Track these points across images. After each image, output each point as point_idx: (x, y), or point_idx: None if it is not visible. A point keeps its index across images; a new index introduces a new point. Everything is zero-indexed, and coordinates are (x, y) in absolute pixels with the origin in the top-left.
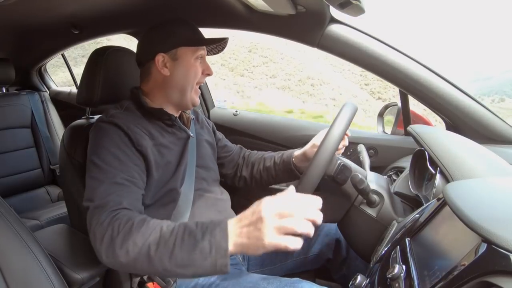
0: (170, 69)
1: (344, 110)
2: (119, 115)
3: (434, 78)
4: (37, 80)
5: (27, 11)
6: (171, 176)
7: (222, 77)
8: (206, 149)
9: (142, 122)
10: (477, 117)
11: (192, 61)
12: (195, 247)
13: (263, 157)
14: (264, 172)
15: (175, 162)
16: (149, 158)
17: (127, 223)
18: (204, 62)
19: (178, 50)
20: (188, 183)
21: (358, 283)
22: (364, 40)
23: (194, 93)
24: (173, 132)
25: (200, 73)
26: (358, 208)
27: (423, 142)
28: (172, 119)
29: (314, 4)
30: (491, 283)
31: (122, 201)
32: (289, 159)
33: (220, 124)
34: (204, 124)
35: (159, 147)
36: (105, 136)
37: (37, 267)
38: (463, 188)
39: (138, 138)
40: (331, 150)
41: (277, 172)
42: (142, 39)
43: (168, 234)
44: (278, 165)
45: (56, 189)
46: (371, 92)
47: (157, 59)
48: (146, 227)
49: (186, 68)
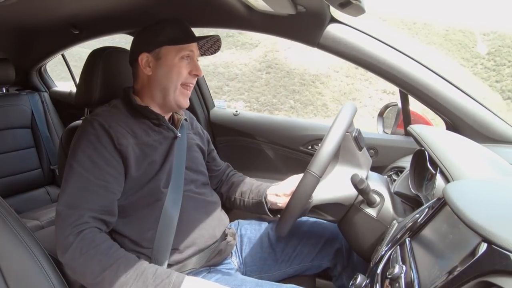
0: (153, 68)
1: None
2: (103, 113)
3: (434, 78)
4: (37, 80)
5: (27, 11)
6: (154, 175)
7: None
8: (197, 153)
9: (126, 120)
10: (477, 117)
11: (176, 61)
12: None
13: (244, 180)
14: (238, 195)
15: (159, 161)
16: (129, 157)
17: (90, 249)
18: (192, 62)
19: (162, 50)
20: (176, 184)
21: (358, 283)
22: (364, 40)
23: (180, 94)
24: (160, 132)
25: (186, 73)
26: (358, 208)
27: (423, 142)
28: (159, 119)
29: (314, 4)
30: (491, 283)
31: (88, 210)
32: (264, 191)
33: (220, 124)
34: (198, 131)
35: (142, 146)
36: (84, 137)
37: (37, 267)
38: (463, 188)
39: (118, 136)
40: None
41: (248, 200)
42: (133, 40)
43: (124, 275)
44: (252, 193)
45: (56, 189)
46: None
47: (140, 59)
48: (106, 259)
49: (169, 68)
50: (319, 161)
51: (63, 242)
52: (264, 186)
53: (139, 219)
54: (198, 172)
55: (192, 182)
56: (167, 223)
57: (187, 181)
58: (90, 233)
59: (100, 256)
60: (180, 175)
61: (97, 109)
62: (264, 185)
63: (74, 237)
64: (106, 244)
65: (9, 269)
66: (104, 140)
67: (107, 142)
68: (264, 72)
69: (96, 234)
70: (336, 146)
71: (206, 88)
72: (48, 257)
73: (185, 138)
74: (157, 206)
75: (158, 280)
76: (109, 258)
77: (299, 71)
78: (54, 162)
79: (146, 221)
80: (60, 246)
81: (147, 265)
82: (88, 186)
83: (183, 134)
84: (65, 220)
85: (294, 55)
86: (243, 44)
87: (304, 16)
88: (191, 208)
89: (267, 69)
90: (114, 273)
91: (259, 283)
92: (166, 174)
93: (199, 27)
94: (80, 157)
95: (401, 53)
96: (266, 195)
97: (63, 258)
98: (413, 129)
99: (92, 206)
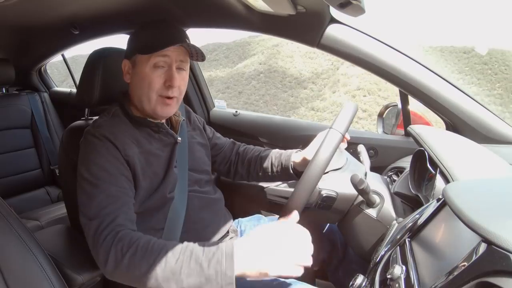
0: (131, 76)
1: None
2: (105, 125)
3: (434, 78)
4: (37, 80)
5: (27, 11)
6: (159, 184)
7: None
8: (199, 152)
9: (129, 129)
10: (477, 117)
11: (147, 70)
12: (201, 274)
13: (259, 155)
14: (261, 172)
15: (162, 172)
16: (136, 167)
17: (131, 247)
18: (168, 72)
19: (137, 57)
20: (182, 186)
21: (358, 283)
22: (364, 41)
23: (157, 104)
24: (160, 138)
25: (159, 83)
26: (358, 209)
27: (423, 142)
28: (158, 125)
29: (314, 4)
30: (491, 283)
31: (117, 216)
32: (288, 163)
33: (220, 124)
34: (196, 125)
35: (146, 155)
36: (93, 150)
37: (37, 267)
38: (463, 188)
39: (125, 148)
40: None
41: (274, 174)
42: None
43: (174, 262)
44: (275, 167)
45: (56, 189)
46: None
47: (123, 65)
48: (150, 252)
49: (140, 77)
50: (342, 120)
51: (102, 251)
52: (286, 156)
53: (146, 222)
54: (202, 172)
55: (196, 183)
56: (174, 223)
57: (191, 182)
58: (125, 234)
59: (142, 251)
60: (184, 178)
61: (98, 119)
62: (285, 154)
63: (111, 241)
64: (144, 239)
65: (9, 269)
66: (113, 150)
67: (116, 153)
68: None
69: (131, 233)
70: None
71: (206, 88)
72: (48, 257)
73: (186, 140)
74: (164, 209)
75: (210, 255)
76: (153, 250)
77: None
78: (54, 162)
79: (154, 223)
80: (100, 257)
81: (192, 244)
82: (109, 195)
83: (183, 136)
84: (97, 230)
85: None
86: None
87: (304, 16)
88: (197, 207)
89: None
90: (164, 263)
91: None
92: (171, 181)
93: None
94: (94, 170)
95: (401, 54)
96: (292, 165)
97: (107, 266)
98: (413, 129)
99: (118, 212)
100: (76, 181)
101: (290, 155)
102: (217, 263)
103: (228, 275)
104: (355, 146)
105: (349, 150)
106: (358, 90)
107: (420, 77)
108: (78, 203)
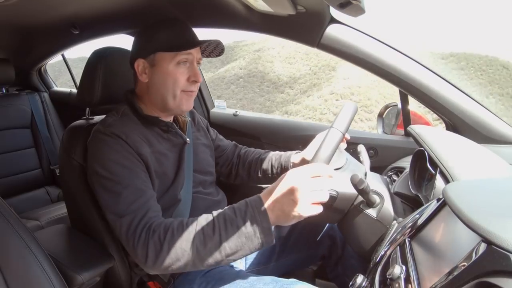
0: (149, 75)
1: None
2: (116, 124)
3: (434, 78)
4: (37, 80)
5: (27, 11)
6: (170, 184)
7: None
8: (204, 154)
9: (139, 128)
10: (477, 117)
11: (171, 68)
12: (240, 234)
13: (260, 157)
14: (261, 173)
15: (172, 172)
16: (149, 166)
17: (167, 233)
18: (191, 68)
19: (156, 56)
20: (187, 187)
21: (358, 283)
22: (364, 41)
23: (181, 100)
24: (169, 138)
25: (184, 80)
26: (358, 208)
27: (423, 142)
28: (168, 125)
29: (314, 4)
30: (491, 283)
31: (148, 208)
32: (287, 164)
33: (220, 124)
34: (200, 125)
35: (157, 155)
36: (106, 148)
37: (37, 267)
38: (463, 188)
39: (138, 146)
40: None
41: (274, 175)
42: (132, 43)
43: (211, 231)
44: (275, 168)
45: (56, 189)
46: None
47: (136, 65)
48: (186, 230)
49: (164, 75)
50: (342, 119)
51: (139, 248)
52: (285, 158)
53: None
54: (206, 173)
55: (200, 184)
56: None
57: (196, 183)
58: (158, 224)
59: (179, 231)
60: (189, 179)
61: (107, 119)
62: (284, 156)
63: (147, 234)
64: (177, 221)
65: (9, 269)
66: (128, 149)
67: (130, 150)
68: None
69: (163, 221)
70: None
71: (206, 89)
72: (48, 257)
73: (191, 141)
74: (170, 210)
75: (242, 213)
76: (187, 229)
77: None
78: (54, 162)
79: None
80: (139, 255)
81: (220, 210)
82: (135, 189)
83: (190, 137)
84: (130, 227)
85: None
86: None
87: (304, 16)
88: (201, 209)
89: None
90: (203, 237)
91: (261, 278)
92: (180, 182)
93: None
94: (112, 167)
95: (401, 54)
96: (291, 166)
97: (148, 261)
98: (413, 129)
99: (147, 205)
100: (77, 179)
101: (290, 157)
102: (252, 219)
103: (266, 227)
104: (355, 146)
105: (349, 150)
106: (331, 95)
107: (420, 77)
108: (101, 202)
